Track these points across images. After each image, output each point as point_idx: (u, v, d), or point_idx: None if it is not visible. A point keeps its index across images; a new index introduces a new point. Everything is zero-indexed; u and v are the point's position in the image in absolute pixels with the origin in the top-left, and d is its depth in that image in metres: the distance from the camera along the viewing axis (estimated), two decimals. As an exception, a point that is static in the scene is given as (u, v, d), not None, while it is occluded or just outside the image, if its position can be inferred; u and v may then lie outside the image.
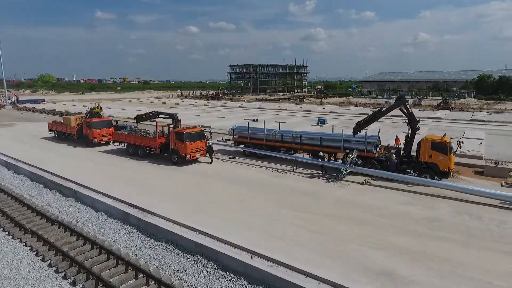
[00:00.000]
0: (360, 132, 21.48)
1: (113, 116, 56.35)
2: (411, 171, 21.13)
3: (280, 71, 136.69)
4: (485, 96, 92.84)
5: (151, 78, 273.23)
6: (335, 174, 21.77)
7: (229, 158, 27.03)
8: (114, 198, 17.37)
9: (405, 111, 21.35)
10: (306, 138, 24.70)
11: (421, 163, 20.36)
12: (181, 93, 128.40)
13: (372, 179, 20.93)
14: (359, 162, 21.32)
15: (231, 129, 28.72)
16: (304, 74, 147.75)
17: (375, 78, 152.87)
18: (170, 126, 26.11)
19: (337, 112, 62.59)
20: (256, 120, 49.53)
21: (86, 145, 30.99)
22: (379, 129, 23.92)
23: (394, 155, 21.49)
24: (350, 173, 21.33)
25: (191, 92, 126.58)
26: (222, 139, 33.29)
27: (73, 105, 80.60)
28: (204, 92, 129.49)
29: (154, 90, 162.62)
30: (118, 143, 28.96)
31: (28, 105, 78.07)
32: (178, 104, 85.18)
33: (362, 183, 20.27)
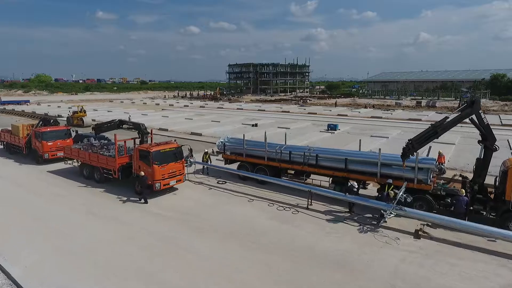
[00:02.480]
0: (413, 155, 14.00)
1: (94, 120, 49.09)
2: (488, 215, 13.75)
3: (282, 70, 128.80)
4: (500, 96, 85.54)
5: (151, 78, 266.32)
6: (371, 216, 14.41)
7: (218, 182, 19.63)
8: (8, 277, 9.97)
9: (478, 122, 13.96)
10: (325, 159, 17.23)
11: (509, 204, 12.91)
12: (178, 93, 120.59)
13: (427, 225, 13.56)
14: (409, 200, 13.90)
15: (221, 142, 21.29)
16: (307, 74, 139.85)
17: (379, 78, 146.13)
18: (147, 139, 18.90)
19: (346, 115, 55.10)
20: (256, 125, 42.13)
21: (36, 162, 23.58)
22: (430, 147, 16.50)
23: (463, 190, 13.98)
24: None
25: (188, 93, 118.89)
26: (213, 152, 25.89)
27: (58, 106, 73.18)
28: (202, 93, 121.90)
29: (151, 90, 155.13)
30: (70, 161, 21.44)
31: (10, 107, 70.72)
32: (172, 105, 77.68)
33: (417, 235, 12.86)
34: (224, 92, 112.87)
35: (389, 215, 13.42)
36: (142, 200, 16.13)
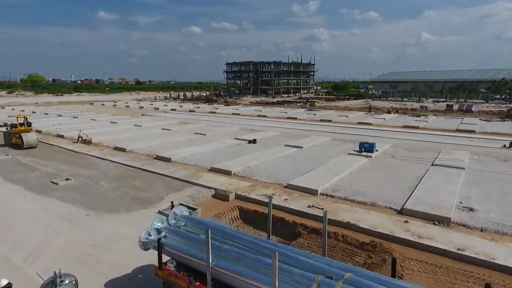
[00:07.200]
0: None
1: (40, 132, 35.90)
2: None
3: (284, 69, 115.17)
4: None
5: (151, 78, 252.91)
6: None
7: None
8: None
9: None
10: None
11: None
12: (170, 94, 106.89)
13: None
14: None
15: (150, 237, 8.05)
16: (312, 73, 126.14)
17: (387, 78, 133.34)
18: None
19: (369, 124, 41.62)
20: (254, 141, 28.82)
21: None
22: None
23: None
24: None
25: (181, 93, 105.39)
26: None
27: (22, 110, 59.91)
28: (200, 93, 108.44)
29: (144, 91, 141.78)
30: None
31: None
32: (158, 109, 64.21)
33: None
34: (221, 94, 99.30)
35: None
36: None
